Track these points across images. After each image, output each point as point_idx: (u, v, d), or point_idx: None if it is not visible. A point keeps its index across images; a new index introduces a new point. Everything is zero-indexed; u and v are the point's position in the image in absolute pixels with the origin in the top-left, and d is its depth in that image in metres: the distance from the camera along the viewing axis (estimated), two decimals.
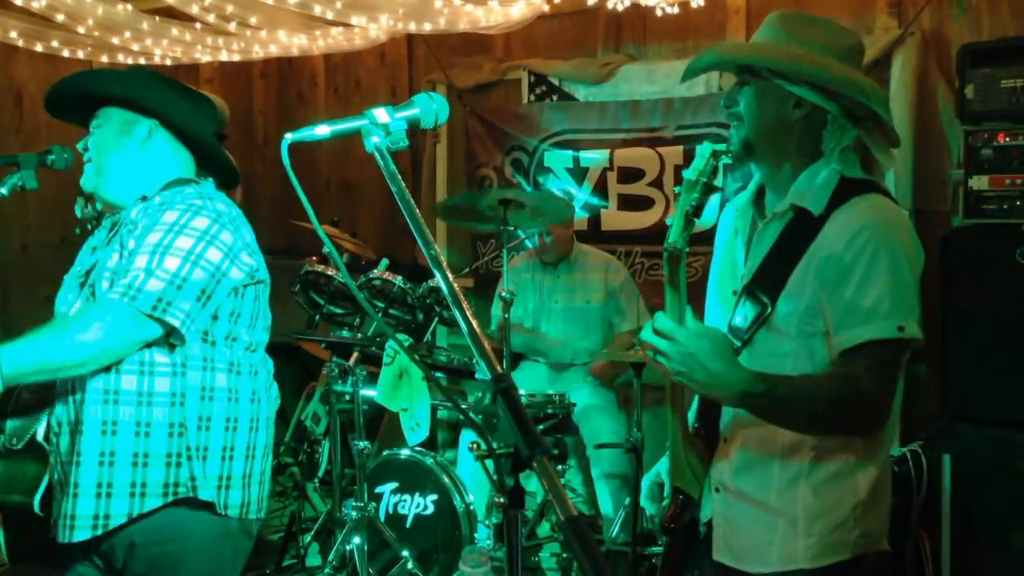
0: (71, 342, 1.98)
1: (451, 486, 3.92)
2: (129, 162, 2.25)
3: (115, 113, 2.26)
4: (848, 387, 1.80)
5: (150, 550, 2.13)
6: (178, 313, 2.05)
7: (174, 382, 2.13)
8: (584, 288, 4.56)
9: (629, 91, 5.01)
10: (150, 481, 2.11)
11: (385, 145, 1.52)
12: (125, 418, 2.09)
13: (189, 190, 2.23)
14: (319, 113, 6.09)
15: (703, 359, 1.76)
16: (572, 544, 0.95)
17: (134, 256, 2.08)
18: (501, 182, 5.41)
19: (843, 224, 1.85)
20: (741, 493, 1.99)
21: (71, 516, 2.07)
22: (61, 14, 4.23)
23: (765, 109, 1.92)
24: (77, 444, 2.08)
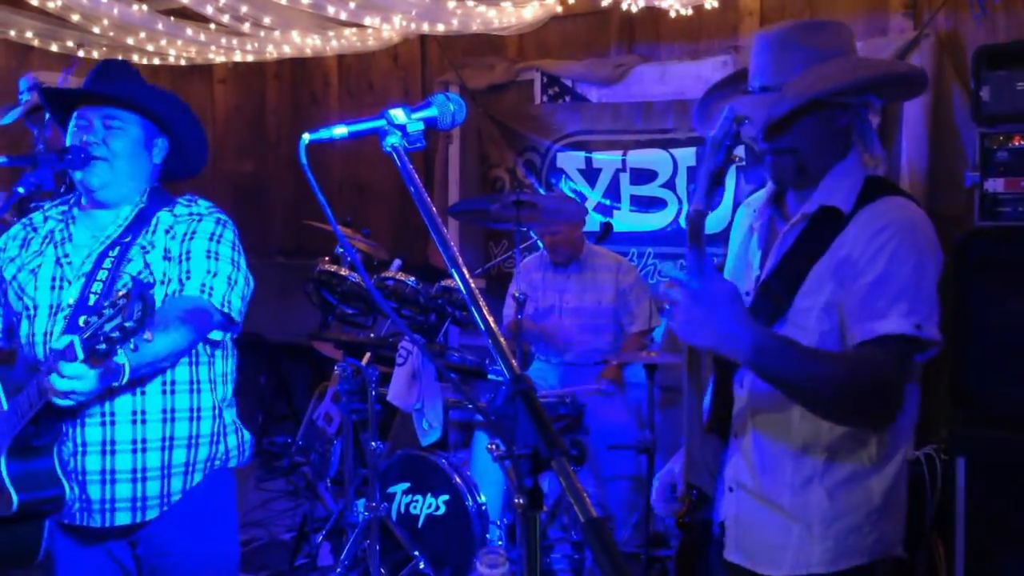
0: (176, 337, 2.17)
1: (463, 487, 3.91)
2: (139, 171, 2.41)
3: (139, 123, 2.38)
4: (862, 369, 1.78)
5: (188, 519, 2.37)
6: (236, 310, 2.36)
7: (210, 370, 2.43)
8: (595, 289, 4.56)
9: (642, 92, 5.01)
10: (199, 459, 2.39)
11: (402, 145, 1.52)
12: (181, 405, 2.36)
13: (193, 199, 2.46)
14: (332, 114, 6.10)
15: (717, 310, 1.72)
16: (592, 546, 0.95)
17: (189, 261, 2.32)
18: (514, 183, 5.41)
19: (867, 222, 1.85)
20: (755, 493, 1.98)
21: (142, 498, 2.30)
22: (76, 14, 4.25)
23: (820, 133, 1.91)
24: (140, 432, 2.29)
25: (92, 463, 2.26)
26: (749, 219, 2.12)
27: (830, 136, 1.92)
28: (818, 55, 1.90)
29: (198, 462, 2.38)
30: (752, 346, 1.73)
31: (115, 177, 2.34)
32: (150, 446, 2.30)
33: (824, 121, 1.91)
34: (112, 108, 2.35)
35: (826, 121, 1.91)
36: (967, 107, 4.04)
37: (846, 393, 1.78)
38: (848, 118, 1.92)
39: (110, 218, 2.38)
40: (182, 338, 2.19)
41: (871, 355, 1.78)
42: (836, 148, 1.94)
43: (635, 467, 4.28)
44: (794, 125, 1.90)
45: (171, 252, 2.33)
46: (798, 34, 1.94)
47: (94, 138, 2.32)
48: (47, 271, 2.34)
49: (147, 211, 2.38)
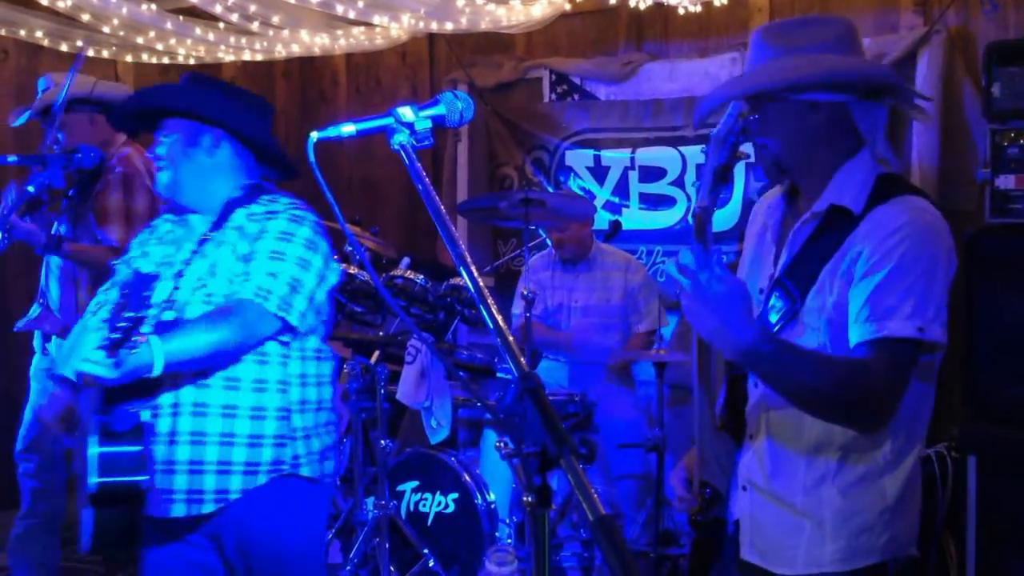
0: (216, 336, 2.20)
1: (472, 485, 3.91)
2: (200, 170, 2.46)
3: (182, 125, 2.44)
4: (857, 374, 1.76)
5: (257, 522, 2.37)
6: (296, 313, 2.32)
7: (281, 371, 2.40)
8: (603, 287, 4.55)
9: (651, 90, 5.00)
10: (262, 460, 2.37)
11: (411, 143, 1.52)
12: (243, 403, 2.35)
13: (277, 196, 2.48)
14: (340, 112, 6.11)
15: (719, 304, 1.73)
16: (601, 544, 0.94)
17: (254, 260, 2.32)
18: (522, 181, 5.41)
19: (879, 222, 1.83)
20: (768, 492, 1.97)
21: (197, 491, 2.32)
22: (86, 14, 4.26)
23: (787, 127, 1.91)
24: (199, 425, 2.32)
25: (159, 453, 2.32)
26: (764, 215, 2.11)
27: (804, 136, 1.91)
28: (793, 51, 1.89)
29: (262, 463, 2.36)
30: (745, 349, 1.74)
31: (177, 181, 2.44)
32: (208, 440, 2.32)
33: (792, 118, 1.90)
34: (164, 118, 2.46)
35: (794, 118, 1.90)
36: (978, 103, 4.02)
37: (831, 401, 1.78)
38: (822, 118, 1.89)
39: (205, 218, 2.47)
40: (224, 339, 2.20)
41: (865, 361, 1.77)
42: (826, 146, 1.91)
43: (644, 465, 4.27)
44: (764, 121, 1.89)
45: (239, 251, 2.35)
46: (783, 30, 1.95)
47: (154, 151, 2.45)
48: (148, 268, 2.43)
49: (232, 205, 2.43)
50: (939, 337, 1.78)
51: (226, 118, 2.45)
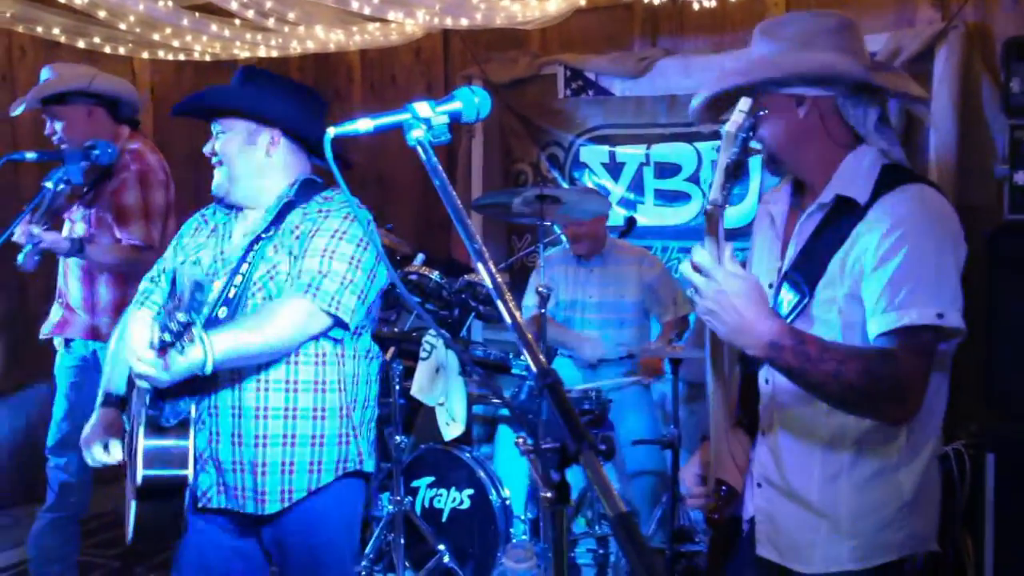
0: (268, 334, 2.22)
1: (487, 481, 3.92)
2: (256, 168, 2.48)
3: (240, 124, 2.46)
4: (883, 363, 1.75)
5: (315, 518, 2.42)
6: (347, 310, 2.33)
7: (339, 370, 2.43)
8: (617, 283, 4.54)
9: (666, 85, 4.98)
10: (325, 459, 2.41)
11: (427, 139, 1.52)
12: (304, 404, 2.38)
13: (331, 194, 2.50)
14: (355, 109, 6.11)
15: (736, 301, 1.72)
16: (620, 540, 0.94)
17: (305, 258, 2.33)
18: (537, 177, 5.41)
19: (886, 211, 1.82)
20: (783, 489, 1.97)
21: (261, 491, 2.36)
22: (103, 11, 4.27)
23: (777, 120, 1.92)
24: (261, 428, 2.36)
25: (224, 453, 2.37)
26: (770, 208, 2.11)
27: (793, 129, 1.92)
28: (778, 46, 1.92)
29: (326, 462, 2.41)
30: (767, 343, 1.73)
31: (233, 180, 2.46)
32: (271, 441, 2.35)
33: (778, 111, 1.92)
34: (219, 116, 2.47)
35: (781, 112, 1.92)
36: (996, 99, 3.99)
37: (861, 392, 1.75)
38: (810, 111, 1.91)
39: (259, 215, 2.49)
40: (275, 336, 2.23)
41: (889, 350, 1.76)
42: (820, 139, 1.92)
43: (659, 462, 4.27)
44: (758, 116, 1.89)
45: (295, 250, 2.37)
46: (773, 26, 1.97)
47: (210, 149, 2.47)
48: (205, 264, 2.47)
49: (290, 205, 2.45)
50: (958, 322, 1.77)
51: (286, 119, 2.48)
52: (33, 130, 4.85)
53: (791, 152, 1.96)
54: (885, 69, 2.01)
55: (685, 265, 1.78)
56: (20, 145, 4.86)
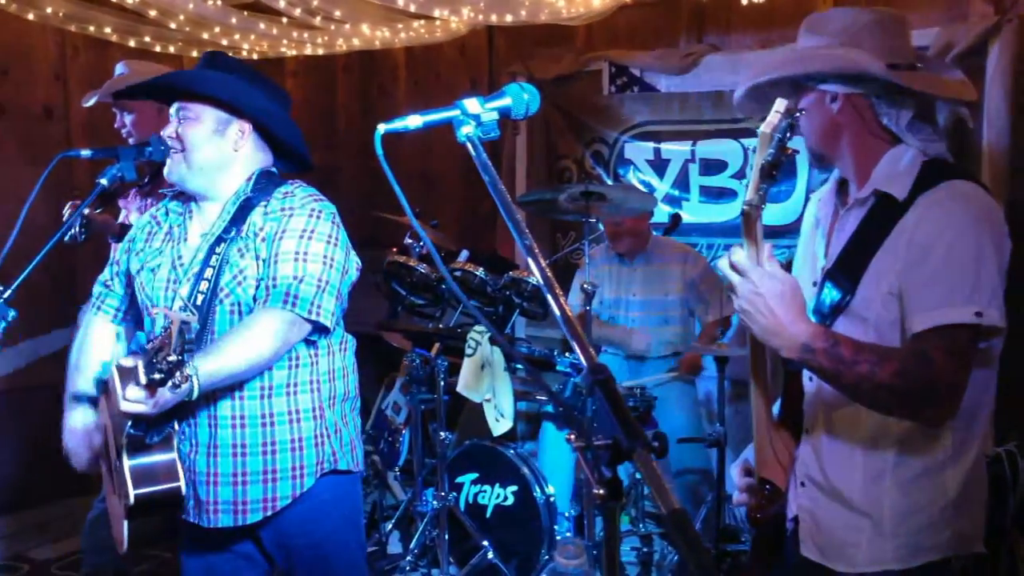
0: (252, 352, 2.18)
1: (531, 478, 3.92)
2: (220, 159, 2.38)
3: (209, 112, 2.36)
4: (919, 365, 1.73)
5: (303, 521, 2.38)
6: (327, 313, 2.29)
7: (313, 371, 2.38)
8: (661, 280, 4.52)
9: (712, 81, 4.94)
10: (306, 463, 2.36)
11: (477, 135, 1.52)
12: (279, 409, 2.33)
13: (290, 189, 2.39)
14: (400, 106, 6.14)
15: (770, 301, 1.71)
16: (676, 538, 0.94)
17: (278, 263, 2.26)
18: (581, 174, 5.39)
19: (927, 208, 1.81)
20: (826, 487, 1.96)
21: (242, 502, 2.30)
22: (153, 10, 4.34)
23: (811, 116, 1.93)
24: (239, 437, 2.30)
25: (200, 464, 2.32)
26: (816, 209, 2.11)
27: (829, 125, 1.93)
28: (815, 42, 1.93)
29: (307, 466, 2.36)
30: (799, 345, 1.73)
31: (192, 169, 2.36)
32: (250, 451, 2.30)
33: (815, 106, 1.93)
34: (185, 100, 2.36)
35: (815, 107, 1.93)
36: None
37: (895, 394, 1.74)
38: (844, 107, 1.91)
39: (216, 211, 2.39)
40: (259, 351, 2.18)
41: (925, 351, 1.74)
42: (857, 134, 1.92)
43: (704, 460, 4.24)
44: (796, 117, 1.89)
45: (262, 254, 2.30)
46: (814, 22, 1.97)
47: (170, 132, 2.36)
48: (163, 272, 2.38)
49: (249, 203, 2.35)
50: (997, 321, 1.75)
51: (261, 113, 2.39)
52: (86, 127, 4.94)
53: (828, 147, 1.97)
54: (930, 67, 1.99)
55: (723, 262, 1.79)
56: (74, 142, 4.97)
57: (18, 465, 4.89)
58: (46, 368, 4.70)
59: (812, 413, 2.00)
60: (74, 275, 4.74)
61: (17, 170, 4.80)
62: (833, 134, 1.94)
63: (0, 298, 2.10)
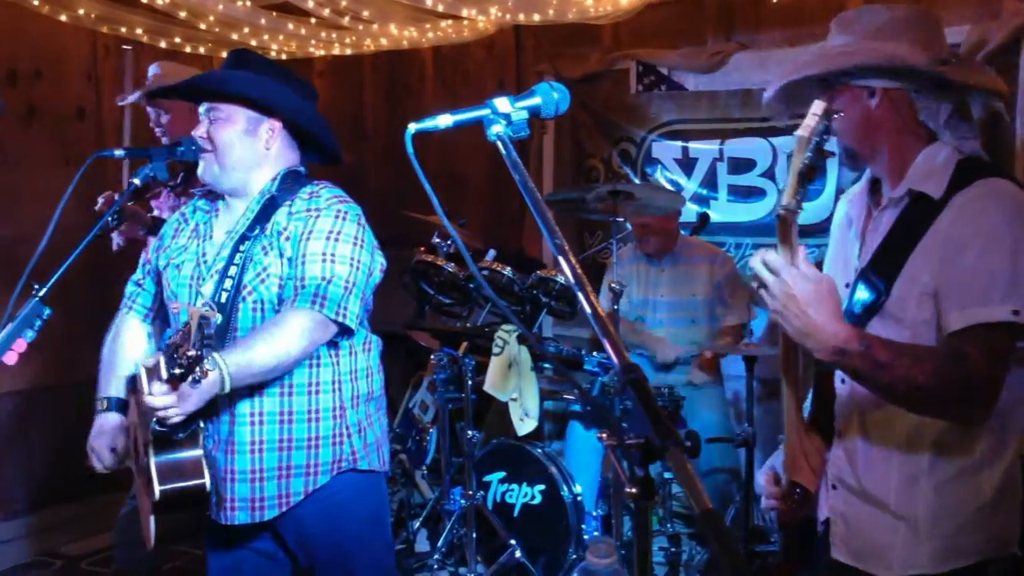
0: (281, 350, 2.19)
1: (559, 477, 3.92)
2: (251, 158, 2.41)
3: (239, 112, 2.38)
4: (956, 364, 1.71)
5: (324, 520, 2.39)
6: (352, 316, 2.31)
7: (334, 371, 2.39)
8: (689, 281, 4.49)
9: (740, 80, 4.91)
10: (321, 461, 2.37)
11: (507, 134, 1.52)
12: (299, 408, 2.36)
13: (316, 189, 2.41)
14: (427, 105, 6.15)
15: (804, 303, 1.69)
16: (709, 538, 0.93)
17: (304, 264, 2.28)
18: (608, 173, 5.38)
19: (962, 207, 1.79)
20: (859, 490, 1.94)
21: (259, 498, 2.31)
22: (183, 11, 4.37)
23: (851, 112, 1.90)
24: (257, 434, 2.32)
25: (219, 461, 2.34)
26: (847, 208, 2.09)
27: (867, 121, 1.90)
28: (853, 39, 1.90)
29: (321, 464, 2.37)
30: (833, 347, 1.70)
31: (224, 168, 2.39)
32: (267, 447, 2.32)
33: (850, 104, 1.89)
34: (215, 101, 2.38)
35: (851, 104, 1.89)
36: None
37: (932, 395, 1.72)
38: (882, 103, 1.88)
39: (243, 209, 2.42)
40: (286, 352, 2.20)
41: (961, 350, 1.72)
42: (893, 131, 1.89)
43: (732, 460, 4.22)
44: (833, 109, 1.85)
45: (287, 252, 2.32)
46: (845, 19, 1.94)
47: (201, 132, 2.39)
48: (187, 269, 2.41)
49: (273, 202, 2.38)
50: None
51: (292, 111, 2.42)
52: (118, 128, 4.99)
53: (864, 145, 1.93)
54: (964, 63, 1.97)
55: (755, 260, 1.75)
56: (106, 143, 5.02)
57: (50, 462, 4.95)
58: (78, 366, 4.75)
59: (844, 415, 1.98)
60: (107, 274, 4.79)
61: (50, 170, 4.86)
62: (870, 131, 1.91)
63: (36, 297, 2.13)
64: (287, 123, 2.43)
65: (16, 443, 4.90)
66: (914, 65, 1.83)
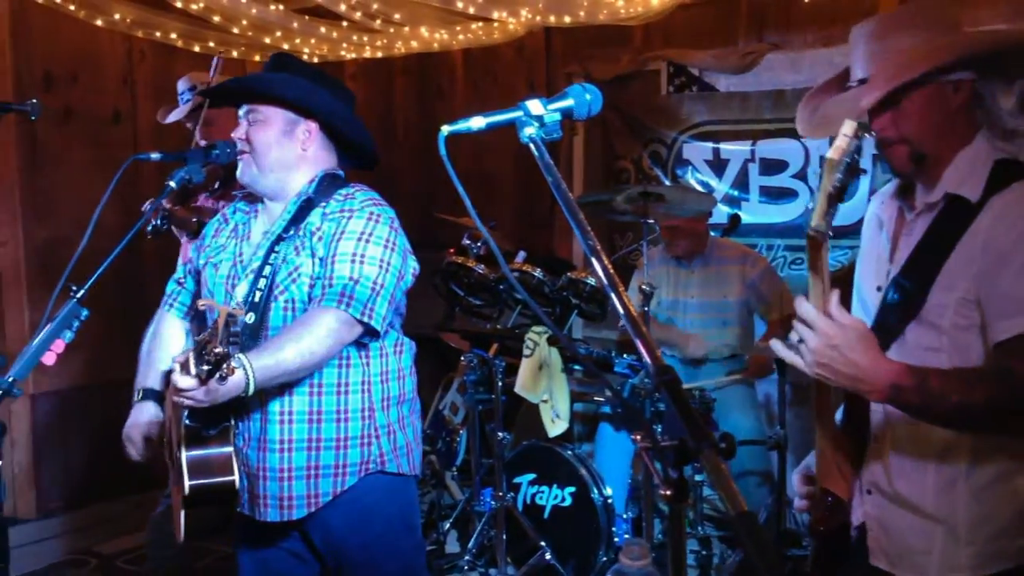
0: (307, 349, 2.19)
1: (589, 479, 3.91)
2: (289, 160, 2.42)
3: (278, 113, 2.41)
4: (1005, 385, 1.69)
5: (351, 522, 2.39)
6: (379, 318, 2.30)
7: (363, 372, 2.40)
8: (720, 282, 4.46)
9: (772, 80, 4.89)
10: (349, 462, 2.38)
11: (540, 136, 1.52)
12: (328, 407, 2.36)
13: (351, 191, 2.42)
14: (458, 107, 6.17)
15: (847, 350, 1.66)
16: (744, 540, 0.93)
17: (334, 264, 2.29)
18: (639, 175, 5.37)
19: (1002, 211, 1.75)
20: (895, 496, 1.92)
21: (288, 497, 2.32)
22: (217, 15, 4.41)
23: (932, 112, 1.82)
24: (287, 432, 2.33)
25: (251, 458, 2.36)
26: (878, 210, 2.04)
27: (944, 120, 1.82)
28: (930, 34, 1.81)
29: (350, 465, 2.37)
30: (889, 387, 1.68)
31: (263, 170, 2.41)
32: (296, 446, 2.33)
33: (930, 104, 1.81)
34: (254, 103, 2.41)
35: (933, 103, 1.81)
36: None
37: (988, 417, 1.71)
38: (961, 97, 1.82)
39: (280, 210, 2.44)
40: (312, 351, 2.20)
41: (1008, 366, 1.70)
42: (956, 132, 1.83)
43: (764, 463, 4.19)
44: (899, 113, 1.81)
45: (318, 252, 2.33)
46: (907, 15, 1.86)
47: (240, 134, 2.41)
48: (225, 268, 2.44)
49: (310, 203, 2.39)
50: None
51: (330, 113, 2.43)
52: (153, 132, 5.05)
53: (937, 145, 1.84)
54: None
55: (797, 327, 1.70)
56: (141, 146, 5.08)
57: (86, 461, 5.02)
58: (113, 367, 4.81)
59: (879, 423, 1.95)
60: (141, 277, 4.84)
61: (86, 174, 4.92)
62: (945, 129, 1.83)
63: (74, 298, 2.16)
64: (324, 125, 2.45)
65: (54, 443, 4.96)
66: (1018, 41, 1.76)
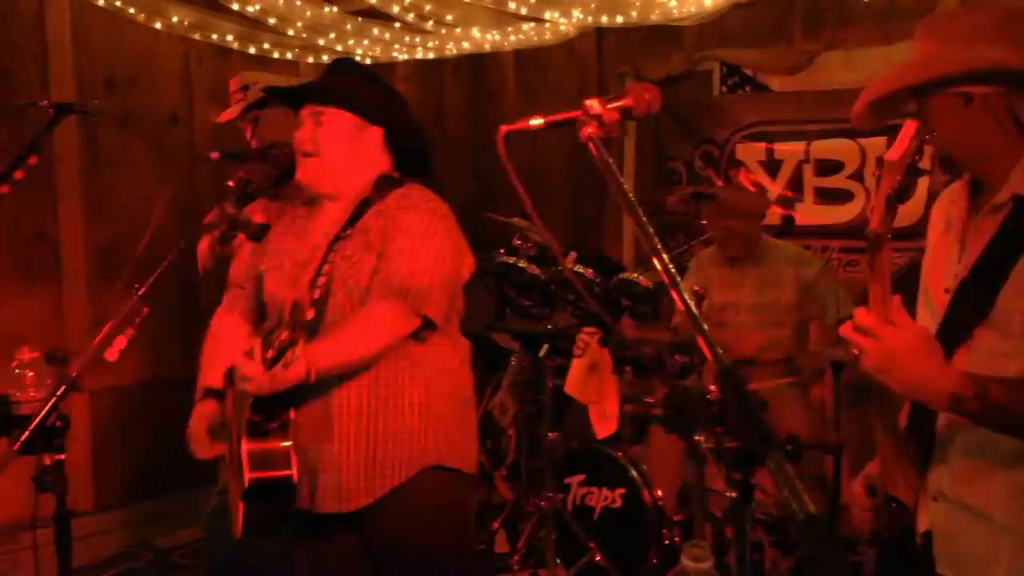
0: (364, 340, 2.26)
1: (639, 481, 3.89)
2: (351, 163, 2.47)
3: (344, 116, 2.45)
4: None
5: (405, 516, 2.40)
6: (437, 310, 2.35)
7: (420, 366, 2.42)
8: (773, 284, 4.40)
9: (827, 79, 4.83)
10: (407, 455, 2.40)
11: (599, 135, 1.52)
12: (386, 400, 2.39)
13: (407, 191, 2.47)
14: (508, 109, 6.17)
15: (908, 358, 1.63)
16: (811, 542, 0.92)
17: (392, 259, 2.33)
18: (691, 176, 5.33)
19: None
20: (962, 504, 1.87)
21: (345, 489, 2.35)
22: (273, 18, 4.47)
23: (944, 123, 1.81)
24: (345, 425, 2.35)
25: (309, 450, 2.37)
26: (946, 209, 2.01)
27: (960, 127, 1.80)
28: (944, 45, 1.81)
29: (406, 458, 2.40)
30: (949, 396, 1.65)
31: (325, 171, 2.46)
32: (354, 439, 2.36)
33: (949, 112, 1.80)
34: (322, 105, 2.45)
35: (951, 112, 1.80)
36: None
37: None
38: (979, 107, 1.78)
39: (339, 210, 2.48)
40: (370, 342, 2.26)
41: None
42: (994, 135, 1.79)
43: (817, 467, 4.13)
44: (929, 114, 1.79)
45: (376, 248, 2.37)
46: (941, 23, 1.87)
47: (303, 135, 2.46)
48: (285, 268, 2.49)
49: (367, 203, 2.44)
50: None
51: (389, 118, 2.49)
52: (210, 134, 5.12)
53: (967, 152, 1.86)
54: None
55: (846, 328, 1.70)
56: (198, 148, 5.16)
57: (146, 456, 5.09)
58: (173, 363, 4.89)
59: (944, 429, 1.91)
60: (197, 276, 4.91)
61: (144, 175, 5.01)
62: (972, 138, 1.83)
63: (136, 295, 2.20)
64: (386, 130, 2.50)
65: (115, 437, 5.04)
66: (1010, 67, 1.76)
